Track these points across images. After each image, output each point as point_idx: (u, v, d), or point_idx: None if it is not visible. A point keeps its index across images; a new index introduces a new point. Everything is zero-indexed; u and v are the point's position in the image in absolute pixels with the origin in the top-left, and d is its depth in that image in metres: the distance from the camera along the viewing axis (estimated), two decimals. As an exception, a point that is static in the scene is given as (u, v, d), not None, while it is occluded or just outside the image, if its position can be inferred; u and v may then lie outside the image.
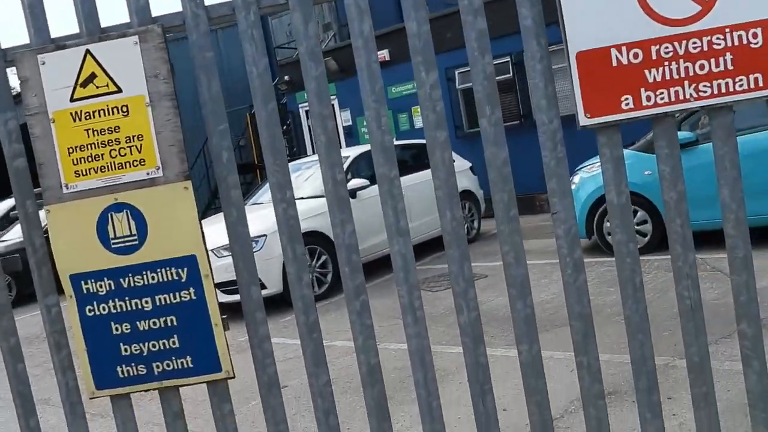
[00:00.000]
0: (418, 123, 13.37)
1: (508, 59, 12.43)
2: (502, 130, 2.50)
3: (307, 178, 8.94)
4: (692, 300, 2.47)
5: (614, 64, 2.43)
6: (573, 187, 7.92)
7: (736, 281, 2.47)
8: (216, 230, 6.96)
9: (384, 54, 13.33)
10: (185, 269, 2.49)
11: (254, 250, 7.52)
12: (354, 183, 8.43)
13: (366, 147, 9.52)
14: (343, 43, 14.86)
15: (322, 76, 2.54)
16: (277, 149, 2.56)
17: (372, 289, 7.73)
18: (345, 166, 8.95)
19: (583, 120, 2.45)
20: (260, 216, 7.34)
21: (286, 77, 15.67)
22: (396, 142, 10.90)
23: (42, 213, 2.55)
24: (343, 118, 15.13)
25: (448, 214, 2.49)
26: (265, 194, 8.98)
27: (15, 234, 11.52)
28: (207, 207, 16.21)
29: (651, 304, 5.51)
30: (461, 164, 10.35)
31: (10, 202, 13.38)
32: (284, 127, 16.75)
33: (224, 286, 6.49)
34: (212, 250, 6.95)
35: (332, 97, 15.05)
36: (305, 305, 2.55)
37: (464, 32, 2.48)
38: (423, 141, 10.07)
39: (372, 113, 2.51)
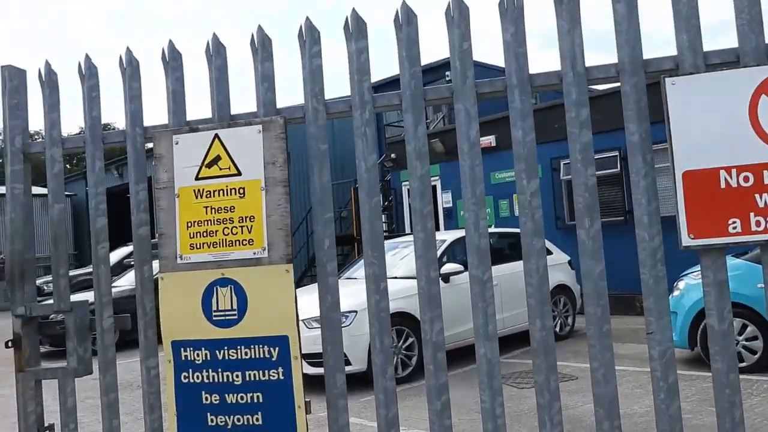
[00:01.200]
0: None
1: (617, 153, 12.24)
2: (601, 244, 2.49)
3: (402, 257, 9.04)
4: (799, 444, 2.29)
5: (722, 186, 2.39)
6: (677, 293, 7.57)
7: None
8: (309, 301, 7.11)
9: (490, 140, 13.49)
10: (277, 348, 2.59)
11: (344, 325, 7.64)
12: (448, 267, 8.44)
13: (464, 232, 9.55)
14: (451, 126, 15.18)
15: (426, 176, 2.64)
16: (376, 241, 2.66)
17: (456, 378, 7.59)
18: (441, 249, 9.08)
19: (687, 240, 2.41)
20: (353, 291, 7.46)
21: (393, 155, 16.12)
22: (495, 230, 10.88)
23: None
24: (444, 199, 15.29)
25: (538, 322, 2.48)
26: (360, 269, 9.14)
27: (125, 281, 12.18)
28: (303, 275, 16.64)
29: (757, 433, 5.11)
30: (559, 257, 10.16)
31: (125, 250, 14.30)
32: (386, 203, 17.12)
33: (310, 358, 6.58)
34: (303, 320, 7.11)
35: (435, 178, 15.29)
36: (387, 398, 2.58)
37: (569, 143, 2.53)
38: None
39: (471, 216, 2.58)
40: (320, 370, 5.48)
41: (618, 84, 2.52)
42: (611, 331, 2.45)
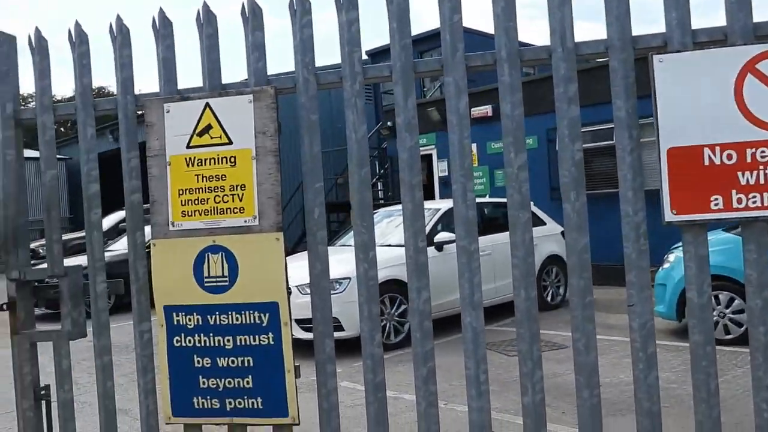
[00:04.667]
0: (514, 180, 13.25)
1: (613, 126, 12.23)
2: (586, 217, 2.53)
3: (397, 225, 9.08)
4: (770, 414, 2.37)
5: (706, 163, 2.42)
6: (667, 265, 7.64)
7: None
8: (302, 267, 7.10)
9: (487, 110, 13.45)
10: (267, 315, 2.65)
11: (337, 291, 7.76)
12: (442, 236, 8.49)
13: (458, 201, 9.54)
14: (448, 95, 15.06)
15: (416, 147, 2.67)
16: (365, 211, 2.70)
17: (448, 345, 7.71)
18: (436, 218, 9.13)
19: (669, 216, 2.45)
20: (347, 259, 7.46)
21: (389, 123, 16.07)
22: (489, 200, 10.92)
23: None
24: (440, 168, 15.28)
25: (523, 293, 2.53)
26: (354, 236, 9.17)
27: (120, 246, 12.21)
28: (297, 242, 16.69)
29: (738, 404, 5.22)
30: (553, 228, 10.22)
31: (120, 214, 14.30)
32: (381, 171, 17.13)
33: (303, 323, 6.67)
34: (297, 286, 7.18)
35: (431, 147, 15.28)
36: (374, 364, 2.65)
37: (557, 118, 2.56)
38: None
39: (459, 187, 2.62)
40: (312, 335, 5.52)
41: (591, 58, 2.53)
42: (594, 303, 2.51)
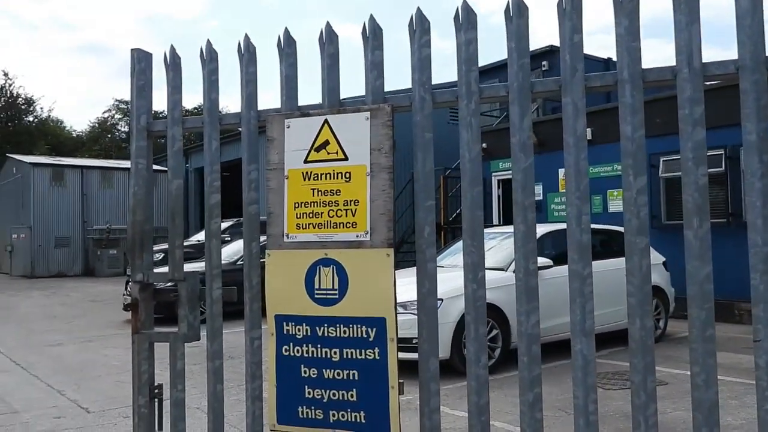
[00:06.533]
0: (612, 207, 12.88)
1: (722, 152, 11.63)
2: (709, 245, 2.42)
3: (489, 248, 8.98)
4: None
5: None
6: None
7: None
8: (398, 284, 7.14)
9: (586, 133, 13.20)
10: (374, 329, 2.68)
11: (430, 311, 7.69)
12: (537, 262, 8.32)
13: (554, 226, 9.35)
14: (545, 117, 14.88)
15: (530, 168, 2.65)
16: (476, 231, 2.69)
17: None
18: (530, 242, 8.94)
19: (804, 248, 2.30)
20: (440, 279, 7.47)
21: (484, 144, 15.99)
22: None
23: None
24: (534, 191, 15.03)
25: (638, 321, 2.45)
26: (446, 258, 9.16)
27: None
28: (388, 259, 16.80)
29: None
30: (654, 258, 9.81)
31: (222, 225, 14.80)
32: (474, 193, 17.03)
33: (399, 342, 6.69)
34: (391, 304, 7.23)
35: (526, 170, 15.06)
36: (479, 386, 2.62)
37: (681, 141, 2.47)
38: (614, 228, 9.50)
39: (574, 210, 2.57)
40: (406, 355, 5.60)
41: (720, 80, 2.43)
42: (715, 336, 2.39)
